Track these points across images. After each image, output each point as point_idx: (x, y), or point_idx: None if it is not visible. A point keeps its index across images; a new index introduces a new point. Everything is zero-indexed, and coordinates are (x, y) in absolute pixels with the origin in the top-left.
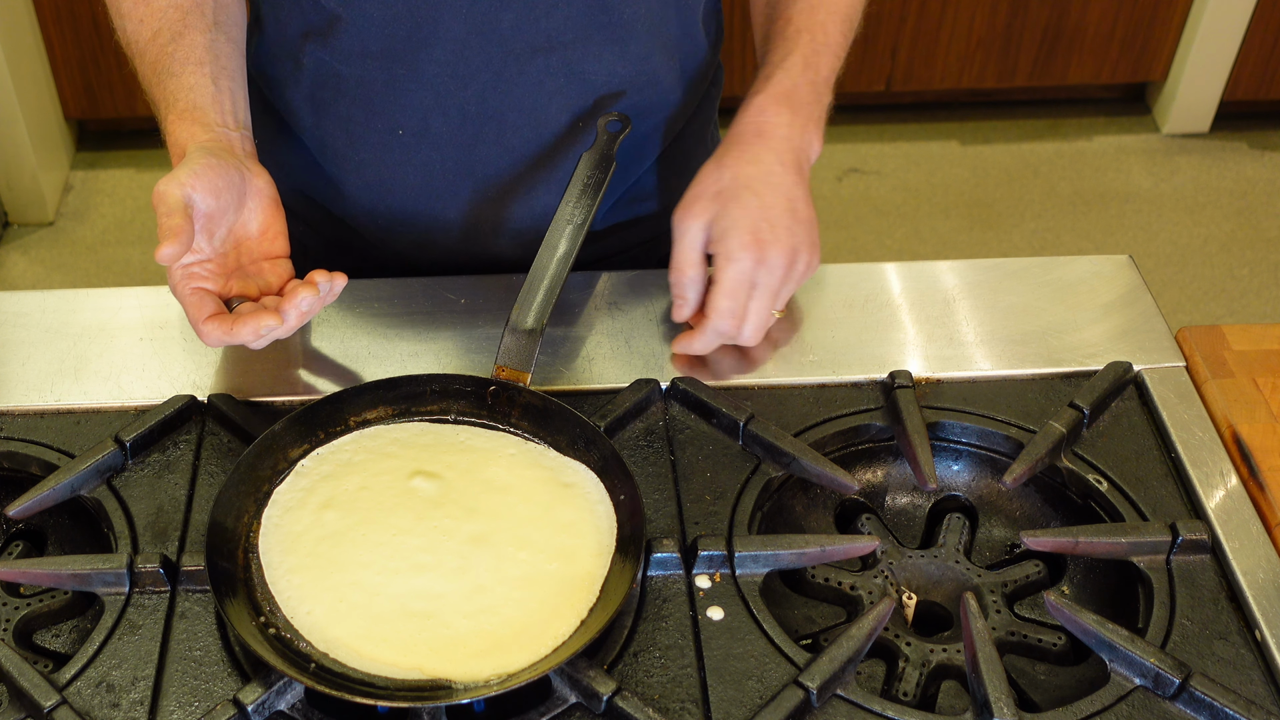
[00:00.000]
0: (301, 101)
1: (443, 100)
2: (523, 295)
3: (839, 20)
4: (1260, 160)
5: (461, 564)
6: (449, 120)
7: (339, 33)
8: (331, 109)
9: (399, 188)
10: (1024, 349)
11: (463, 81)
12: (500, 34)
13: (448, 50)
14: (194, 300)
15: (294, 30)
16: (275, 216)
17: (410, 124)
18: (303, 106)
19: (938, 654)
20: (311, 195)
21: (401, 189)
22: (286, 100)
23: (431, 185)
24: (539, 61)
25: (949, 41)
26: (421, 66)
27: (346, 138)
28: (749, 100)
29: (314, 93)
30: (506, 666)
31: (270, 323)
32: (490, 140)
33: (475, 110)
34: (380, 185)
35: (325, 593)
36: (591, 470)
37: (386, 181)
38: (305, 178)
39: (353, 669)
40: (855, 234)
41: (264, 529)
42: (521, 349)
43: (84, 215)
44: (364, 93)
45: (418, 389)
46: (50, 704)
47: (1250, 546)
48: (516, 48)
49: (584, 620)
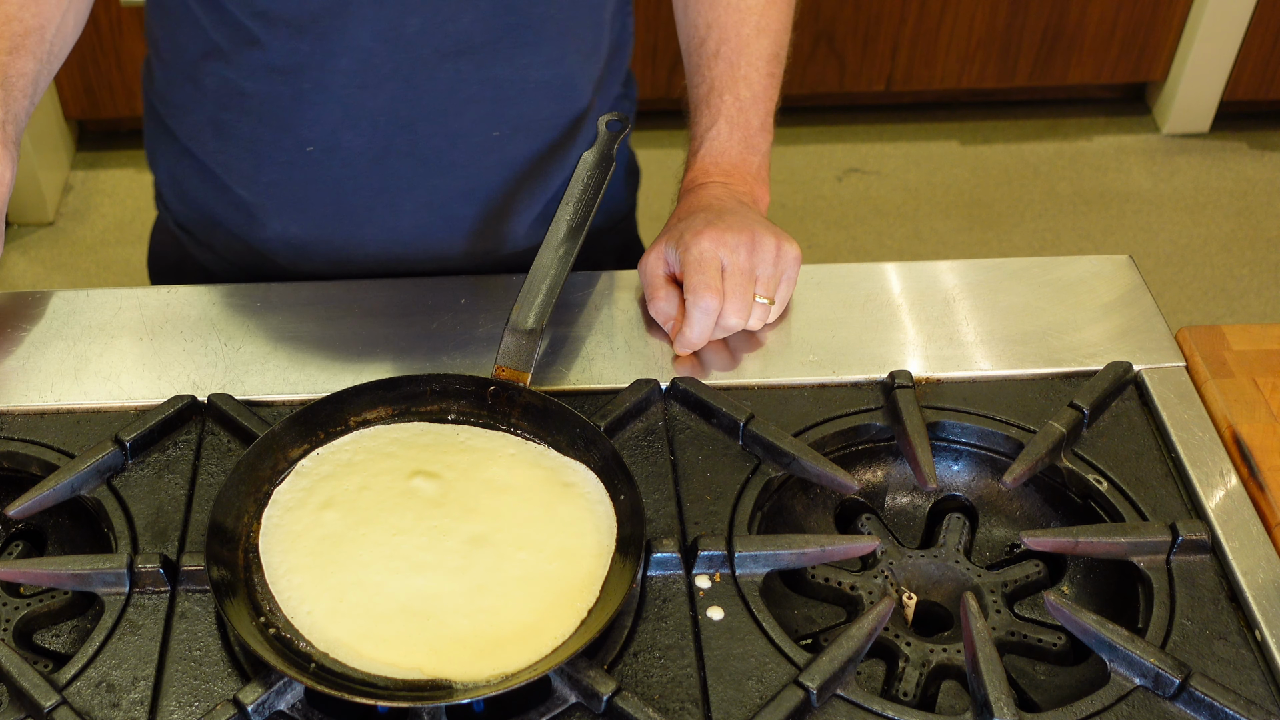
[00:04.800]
0: (204, 125)
1: (351, 112)
2: (523, 295)
3: (763, 64)
4: (1260, 160)
5: (461, 564)
6: (359, 133)
7: (245, 50)
8: (236, 130)
9: (310, 207)
10: (1024, 349)
11: (371, 92)
12: (407, 40)
13: (354, 60)
14: None
15: (193, 52)
16: None
17: (319, 139)
18: (205, 130)
19: (938, 654)
20: (217, 222)
21: (313, 208)
22: (188, 124)
23: (344, 202)
24: (448, 67)
25: (949, 41)
26: (328, 79)
27: (253, 159)
28: (686, 176)
29: (216, 115)
30: (506, 666)
31: None
32: (402, 151)
33: (385, 121)
34: (291, 206)
35: (325, 593)
36: (591, 470)
37: (297, 202)
38: (211, 204)
39: (353, 669)
40: (855, 234)
41: (264, 529)
42: (521, 349)
43: (84, 215)
44: (270, 110)
45: (418, 389)
46: (50, 704)
47: (1250, 546)
48: (424, 54)
49: (584, 620)
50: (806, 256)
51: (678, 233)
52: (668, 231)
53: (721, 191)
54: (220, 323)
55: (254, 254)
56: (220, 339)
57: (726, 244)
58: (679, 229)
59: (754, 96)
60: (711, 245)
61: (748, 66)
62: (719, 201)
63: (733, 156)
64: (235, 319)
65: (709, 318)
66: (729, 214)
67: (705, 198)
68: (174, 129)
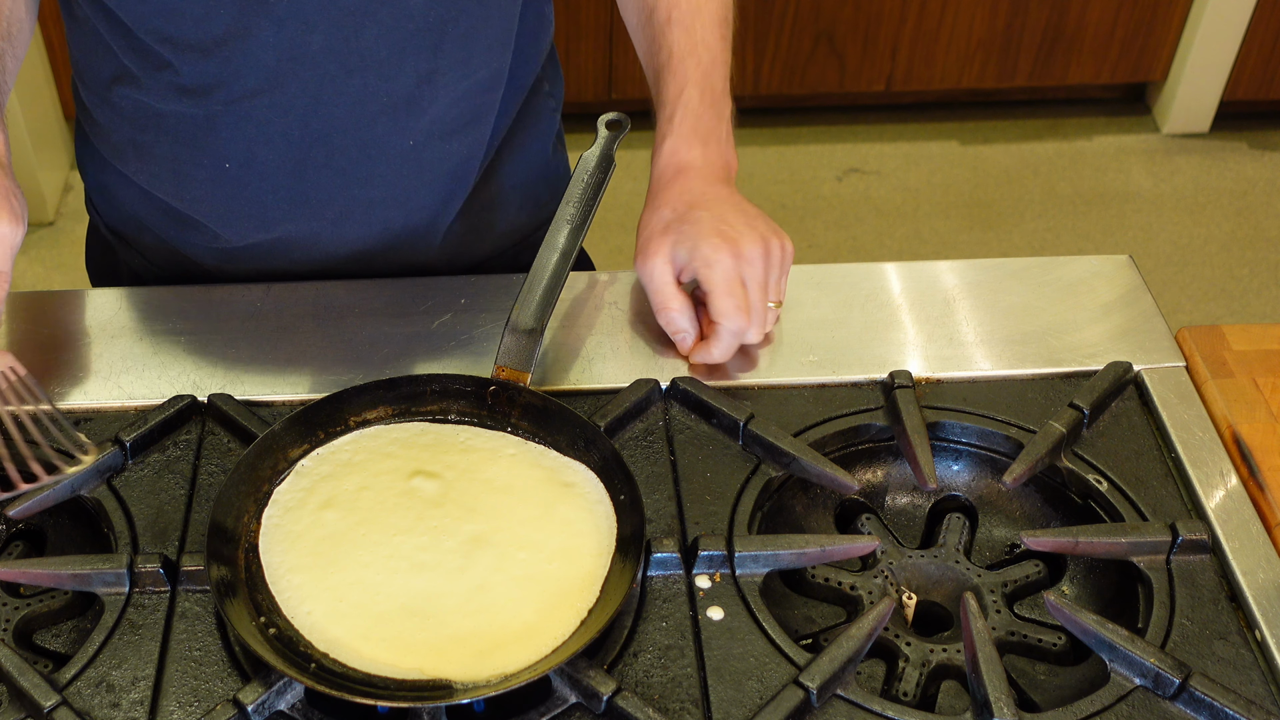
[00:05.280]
0: (124, 144)
1: (265, 129)
2: (522, 295)
3: (716, 27)
4: (1260, 160)
5: (461, 564)
6: (274, 148)
7: (152, 73)
8: (154, 150)
9: (234, 219)
10: (1024, 349)
11: (281, 110)
12: (311, 57)
13: (262, 80)
14: None
15: (106, 75)
16: None
17: (236, 156)
18: (126, 150)
19: (938, 654)
20: (144, 229)
21: (236, 220)
22: (110, 143)
23: (266, 215)
24: (355, 82)
25: (949, 41)
26: (237, 99)
27: (174, 176)
28: (660, 144)
29: (135, 136)
30: (506, 666)
31: None
32: (319, 163)
33: (299, 136)
34: (215, 219)
35: (325, 592)
36: (591, 470)
37: (221, 215)
38: (139, 212)
39: (353, 669)
40: (855, 234)
41: (264, 529)
42: (521, 349)
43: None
44: (186, 130)
45: (418, 389)
46: (50, 704)
47: (1250, 546)
48: (330, 70)
49: (584, 620)
50: (807, 256)
51: (687, 238)
52: (668, 231)
53: (704, 171)
54: (220, 323)
55: (181, 261)
56: (220, 339)
57: (744, 257)
58: (688, 233)
59: (713, 60)
60: (733, 261)
61: (703, 30)
62: (713, 192)
63: (707, 122)
64: (235, 319)
65: (738, 339)
66: (731, 213)
67: (696, 186)
68: (98, 146)
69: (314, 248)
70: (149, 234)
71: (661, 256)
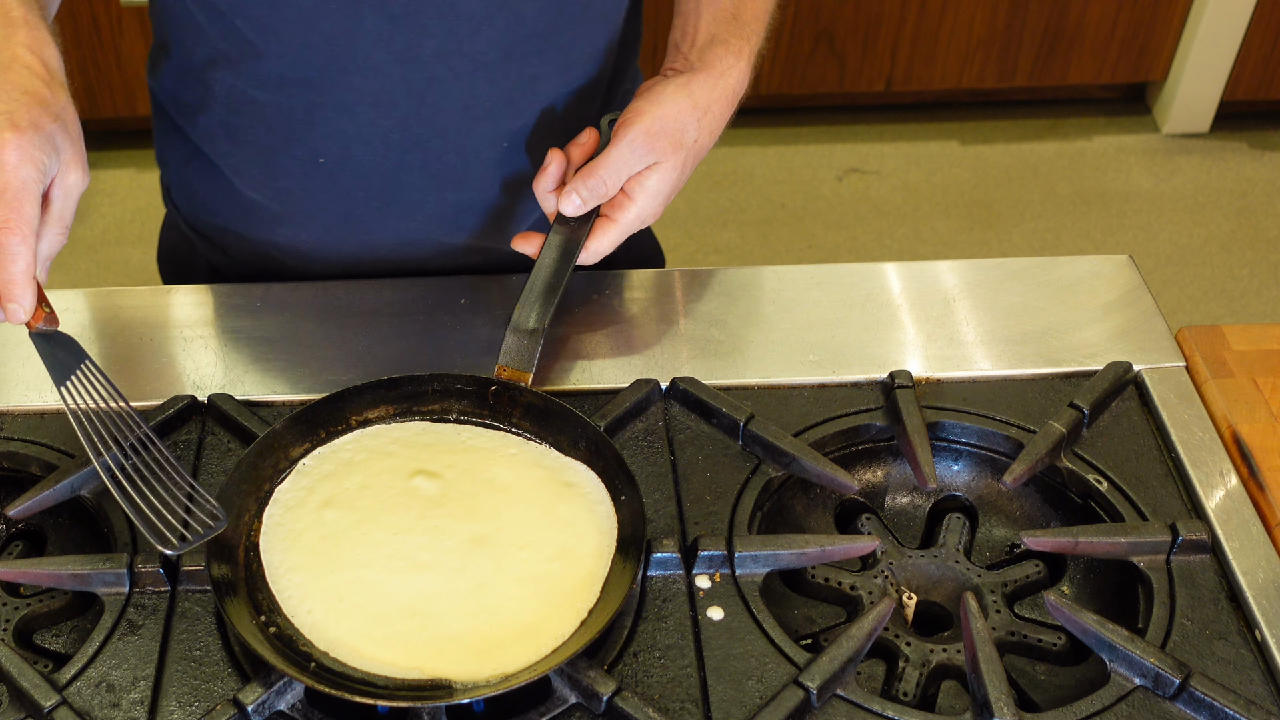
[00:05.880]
0: (215, 127)
1: (364, 128)
2: (525, 295)
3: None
4: (1260, 160)
5: (462, 563)
6: (371, 148)
7: (252, 60)
8: (247, 136)
9: (321, 215)
10: (1024, 349)
11: (384, 110)
12: (423, 60)
13: (368, 78)
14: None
15: (200, 57)
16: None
17: (331, 153)
18: (217, 132)
19: (938, 654)
20: (228, 224)
21: (324, 216)
22: (199, 126)
23: (355, 214)
24: (462, 86)
25: (949, 41)
26: (341, 95)
27: (264, 165)
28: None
29: (227, 119)
30: (506, 666)
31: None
32: (414, 167)
33: (398, 138)
34: (301, 213)
35: (325, 591)
36: (592, 471)
37: (308, 210)
38: (221, 205)
39: (353, 668)
40: (855, 234)
41: (265, 528)
42: (523, 349)
43: (84, 215)
44: (282, 120)
45: (419, 388)
46: (50, 704)
47: (1250, 546)
48: (439, 73)
49: (584, 621)
50: (807, 256)
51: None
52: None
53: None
54: (220, 323)
55: (263, 257)
56: (220, 339)
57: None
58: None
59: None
60: (645, 210)
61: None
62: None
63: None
64: (235, 319)
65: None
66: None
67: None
68: (184, 129)
69: (400, 249)
70: (231, 233)
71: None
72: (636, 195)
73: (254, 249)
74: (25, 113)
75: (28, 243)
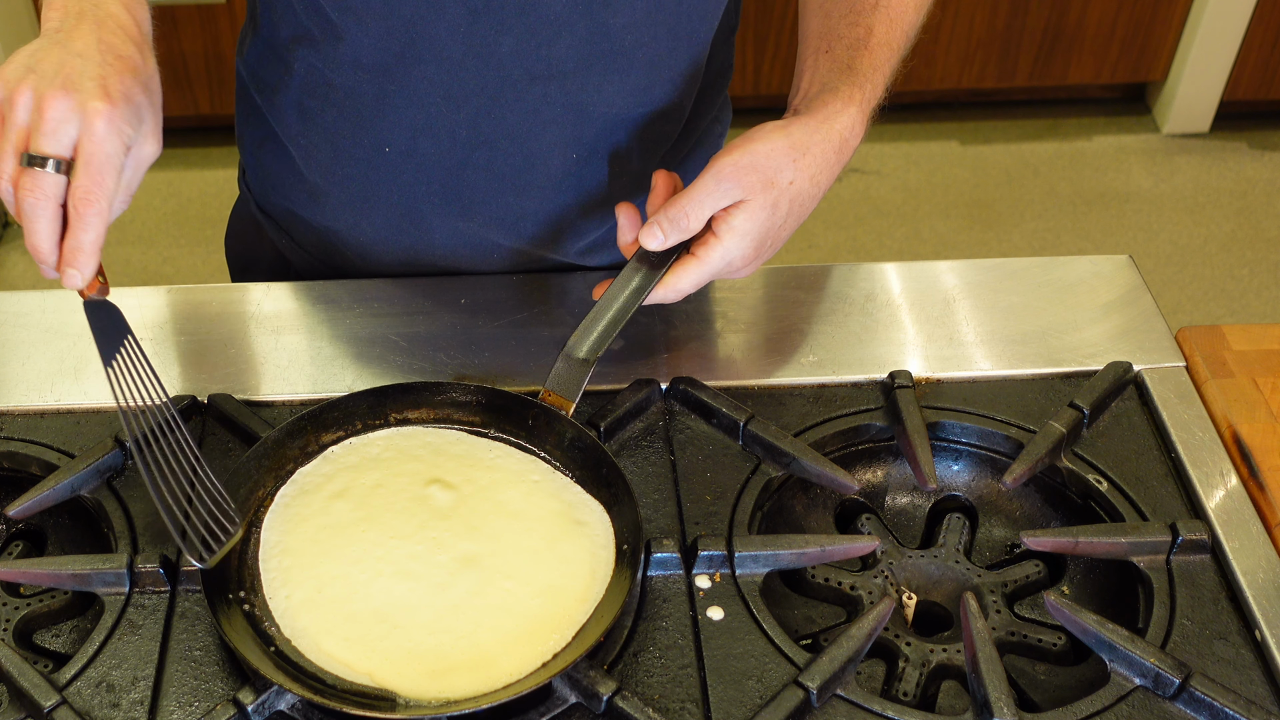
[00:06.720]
0: (289, 107)
1: (433, 121)
2: (585, 324)
3: (908, 32)
4: (1260, 160)
5: (446, 580)
6: (438, 142)
7: (332, 41)
8: (319, 118)
9: (382, 205)
10: (1024, 349)
11: (455, 104)
12: (498, 58)
13: (442, 70)
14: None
15: (285, 34)
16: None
17: (398, 143)
18: (290, 112)
19: (938, 654)
20: (295, 208)
21: (384, 207)
22: (275, 104)
23: (416, 207)
24: (536, 89)
25: (949, 41)
26: (414, 84)
27: (332, 150)
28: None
29: (302, 100)
30: (451, 692)
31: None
32: (479, 166)
33: (465, 135)
34: (363, 202)
35: (307, 580)
36: (608, 514)
37: (370, 198)
38: (289, 188)
39: (308, 660)
40: (855, 234)
41: (274, 505)
42: (571, 377)
43: None
44: (353, 105)
45: (463, 398)
46: (50, 704)
47: (1250, 546)
48: (514, 74)
49: (545, 663)
50: (807, 256)
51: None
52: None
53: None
54: (220, 323)
55: (325, 246)
56: (220, 339)
57: (738, 272)
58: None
59: (874, 65)
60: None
61: (901, 28)
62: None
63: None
64: (236, 319)
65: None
66: (783, 233)
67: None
68: (261, 106)
69: (457, 250)
70: (297, 216)
71: (728, 188)
72: (723, 234)
73: (317, 236)
74: (118, 81)
75: (102, 216)
